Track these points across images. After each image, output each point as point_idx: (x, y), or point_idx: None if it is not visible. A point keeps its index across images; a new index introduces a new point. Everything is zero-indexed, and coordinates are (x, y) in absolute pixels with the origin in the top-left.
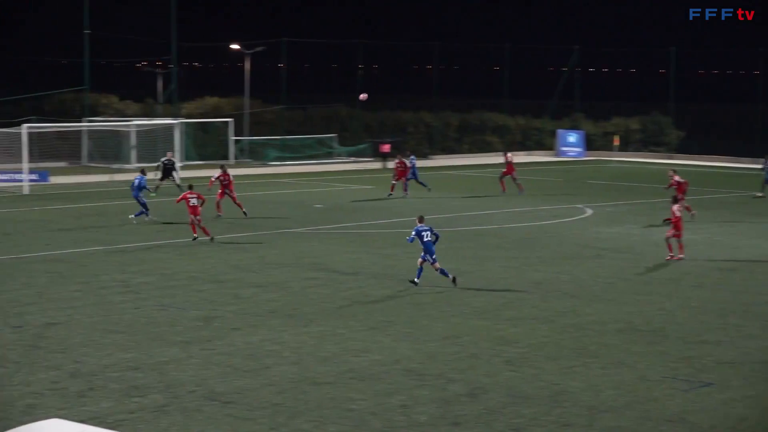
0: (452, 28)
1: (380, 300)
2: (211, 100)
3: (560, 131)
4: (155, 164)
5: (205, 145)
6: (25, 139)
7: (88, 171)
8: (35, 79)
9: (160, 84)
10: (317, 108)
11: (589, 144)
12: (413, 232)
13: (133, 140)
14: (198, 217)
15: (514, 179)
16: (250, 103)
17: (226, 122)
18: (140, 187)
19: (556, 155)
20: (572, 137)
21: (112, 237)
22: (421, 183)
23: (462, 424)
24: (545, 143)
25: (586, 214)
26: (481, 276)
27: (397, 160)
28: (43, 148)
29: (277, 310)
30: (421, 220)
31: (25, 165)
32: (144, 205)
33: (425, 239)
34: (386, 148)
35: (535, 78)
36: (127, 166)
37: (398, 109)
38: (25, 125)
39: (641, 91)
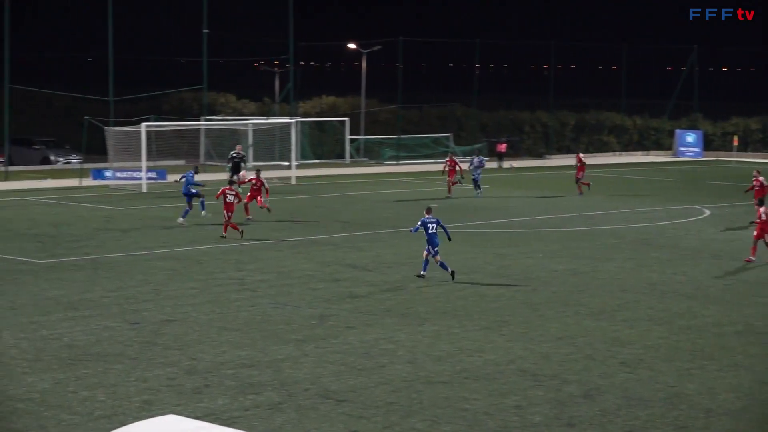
0: (569, 27)
1: (495, 299)
2: (327, 99)
3: (678, 131)
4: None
5: (321, 144)
6: (143, 137)
7: (205, 169)
8: (154, 78)
9: (277, 83)
10: (433, 107)
11: (708, 144)
12: (419, 223)
13: (250, 139)
14: (230, 213)
15: (578, 179)
16: (367, 102)
17: (343, 121)
18: (188, 184)
19: (674, 155)
20: (690, 137)
21: (229, 235)
22: (474, 183)
23: (576, 425)
24: (663, 143)
25: (704, 215)
26: (597, 276)
27: (448, 159)
28: (161, 147)
29: (392, 308)
30: (428, 211)
31: (144, 163)
32: (189, 202)
33: (429, 231)
34: (502, 147)
35: (652, 77)
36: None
37: (514, 109)
38: (144, 124)
39: (762, 90)
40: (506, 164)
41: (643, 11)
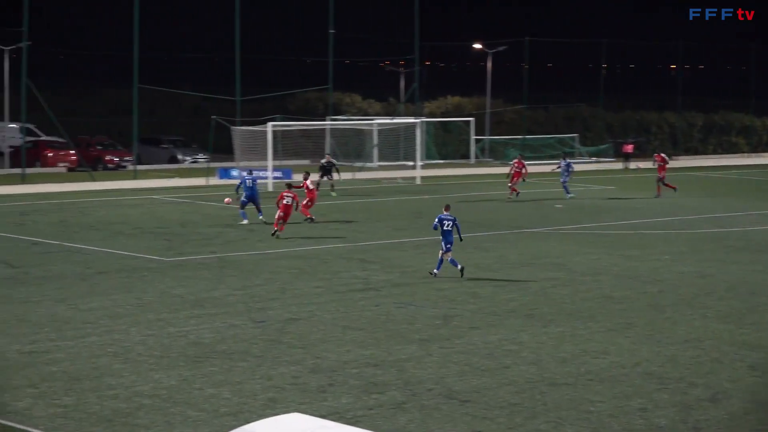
0: (696, 27)
1: (620, 301)
2: (453, 100)
3: None
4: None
5: (446, 144)
6: (269, 137)
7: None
8: (280, 78)
9: (402, 83)
10: (559, 107)
11: None
12: (436, 220)
13: (375, 139)
14: (282, 213)
15: (660, 179)
16: (492, 103)
17: (468, 121)
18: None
19: None
20: None
21: (354, 234)
22: (564, 188)
23: (703, 429)
24: None
25: None
26: (724, 279)
27: (516, 161)
28: (286, 146)
29: (516, 309)
30: (447, 208)
31: (270, 162)
32: (244, 204)
33: (445, 228)
34: (629, 148)
35: None
36: (369, 164)
37: (641, 109)
38: (270, 123)
39: None
40: (632, 165)
41: None
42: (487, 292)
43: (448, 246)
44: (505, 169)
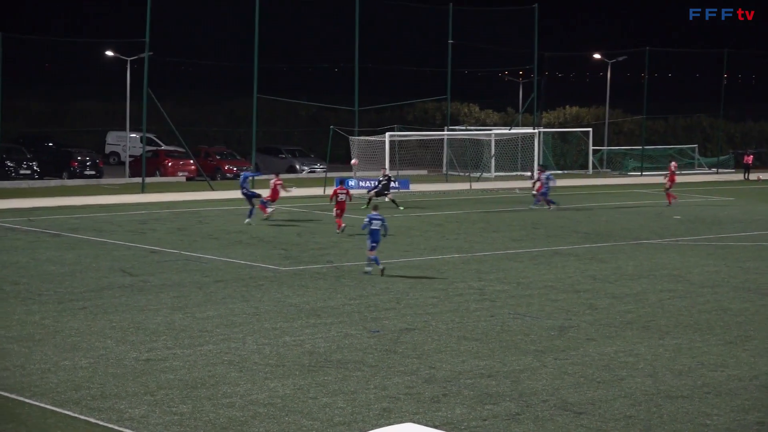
0: None
1: (738, 313)
2: (571, 110)
3: None
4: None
5: (564, 154)
6: (387, 147)
7: (448, 179)
8: (398, 88)
9: (521, 93)
10: (679, 118)
11: None
12: (366, 218)
13: (493, 149)
14: (339, 211)
15: (667, 188)
16: (611, 113)
17: (586, 132)
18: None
19: None
20: None
21: (470, 245)
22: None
23: None
24: None
25: None
26: None
27: (672, 165)
28: (404, 156)
29: (632, 321)
30: (375, 208)
31: (388, 173)
32: (250, 201)
33: (373, 227)
34: (749, 159)
35: None
36: (486, 174)
37: (762, 120)
38: (388, 133)
39: None
40: (753, 176)
41: None
42: (604, 303)
43: (374, 245)
44: (625, 180)
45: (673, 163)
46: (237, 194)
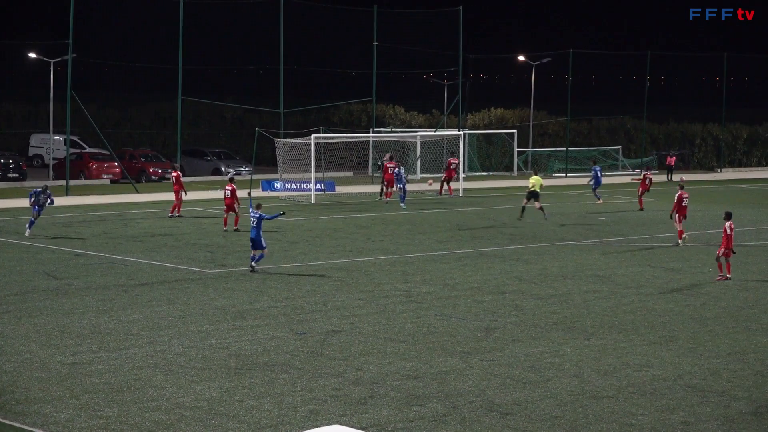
0: (741, 38)
1: (663, 314)
2: (496, 112)
3: None
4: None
5: (489, 156)
6: (313, 149)
7: (373, 181)
8: (324, 90)
9: (446, 95)
10: (603, 119)
11: None
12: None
13: (419, 151)
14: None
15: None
16: (535, 115)
17: (511, 133)
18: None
19: None
20: None
21: (396, 246)
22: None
23: None
24: None
25: None
26: None
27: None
28: (330, 158)
29: (558, 322)
30: (258, 207)
31: (313, 175)
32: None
33: (253, 225)
34: (672, 160)
35: None
36: (412, 176)
37: (685, 121)
38: (314, 136)
39: None
40: (676, 177)
41: None
42: (529, 304)
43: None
44: (549, 181)
45: (646, 171)
46: (162, 197)
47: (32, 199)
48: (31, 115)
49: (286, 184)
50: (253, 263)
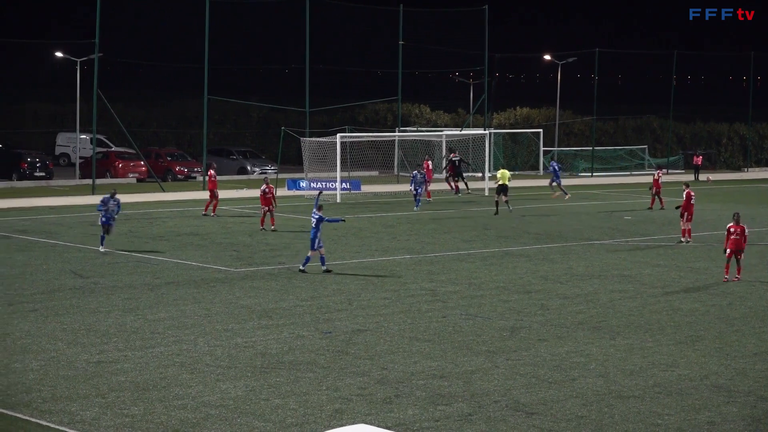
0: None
1: (689, 314)
2: (522, 111)
3: None
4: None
5: (515, 155)
6: (338, 148)
7: (399, 180)
8: (350, 89)
9: (471, 94)
10: (629, 119)
11: None
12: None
13: (444, 150)
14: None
15: (656, 193)
16: (561, 114)
17: (537, 133)
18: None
19: None
20: None
21: (422, 246)
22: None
23: None
24: None
25: None
26: None
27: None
28: (355, 157)
29: (584, 321)
30: (320, 208)
31: (338, 173)
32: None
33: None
34: (699, 160)
35: None
36: (438, 176)
37: (711, 121)
38: (339, 135)
39: None
40: (703, 177)
41: None
42: (555, 304)
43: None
44: (575, 181)
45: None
46: (188, 195)
47: (102, 211)
48: (58, 114)
49: (312, 183)
50: (302, 267)
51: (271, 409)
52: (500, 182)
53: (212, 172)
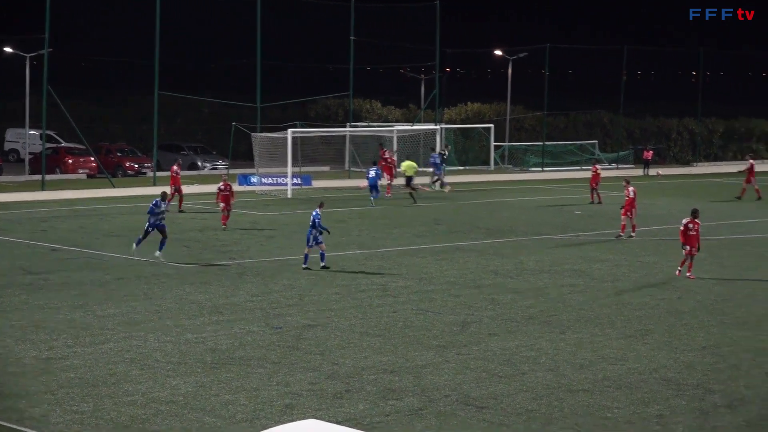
0: (717, 34)
1: (638, 308)
2: (473, 106)
3: None
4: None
5: (466, 150)
6: (289, 143)
7: (350, 175)
8: (301, 84)
9: (423, 90)
10: (579, 114)
11: None
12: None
13: (395, 145)
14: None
15: (593, 188)
16: (512, 109)
17: (488, 128)
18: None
19: None
20: None
21: (373, 241)
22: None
23: None
24: None
25: None
26: (743, 286)
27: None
28: (306, 153)
29: (534, 316)
30: (321, 205)
31: (290, 169)
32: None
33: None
34: (648, 155)
35: None
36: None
37: (661, 116)
38: (290, 130)
39: None
40: (652, 171)
41: None
42: (506, 299)
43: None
44: (526, 176)
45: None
46: (138, 191)
47: (152, 214)
48: (7, 109)
49: (263, 179)
50: (304, 264)
51: (221, 404)
52: (406, 173)
53: (175, 167)
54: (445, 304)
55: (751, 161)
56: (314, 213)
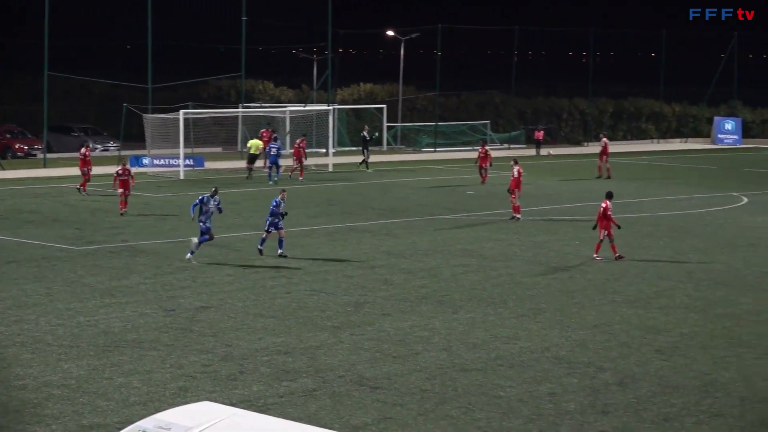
0: (608, 13)
1: (531, 287)
2: (365, 87)
3: (717, 118)
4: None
5: (359, 131)
6: (181, 125)
7: (243, 157)
8: (193, 65)
9: (315, 70)
10: (471, 94)
11: (747, 131)
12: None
13: (288, 126)
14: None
15: (482, 168)
16: (404, 90)
17: (380, 108)
18: None
19: (713, 143)
20: (729, 124)
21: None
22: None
23: (611, 413)
24: (701, 131)
25: (742, 203)
26: (633, 264)
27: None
28: (199, 134)
29: (427, 296)
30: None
31: (182, 150)
32: None
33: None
34: (540, 134)
35: (691, 64)
36: (282, 152)
37: (552, 96)
38: (182, 111)
39: None
40: (544, 152)
41: None
42: (399, 279)
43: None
44: (419, 156)
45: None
46: (28, 173)
47: (196, 211)
48: None
49: (155, 160)
50: (260, 246)
51: (114, 387)
52: (251, 151)
53: (83, 150)
54: (338, 284)
55: (605, 140)
56: (274, 201)
